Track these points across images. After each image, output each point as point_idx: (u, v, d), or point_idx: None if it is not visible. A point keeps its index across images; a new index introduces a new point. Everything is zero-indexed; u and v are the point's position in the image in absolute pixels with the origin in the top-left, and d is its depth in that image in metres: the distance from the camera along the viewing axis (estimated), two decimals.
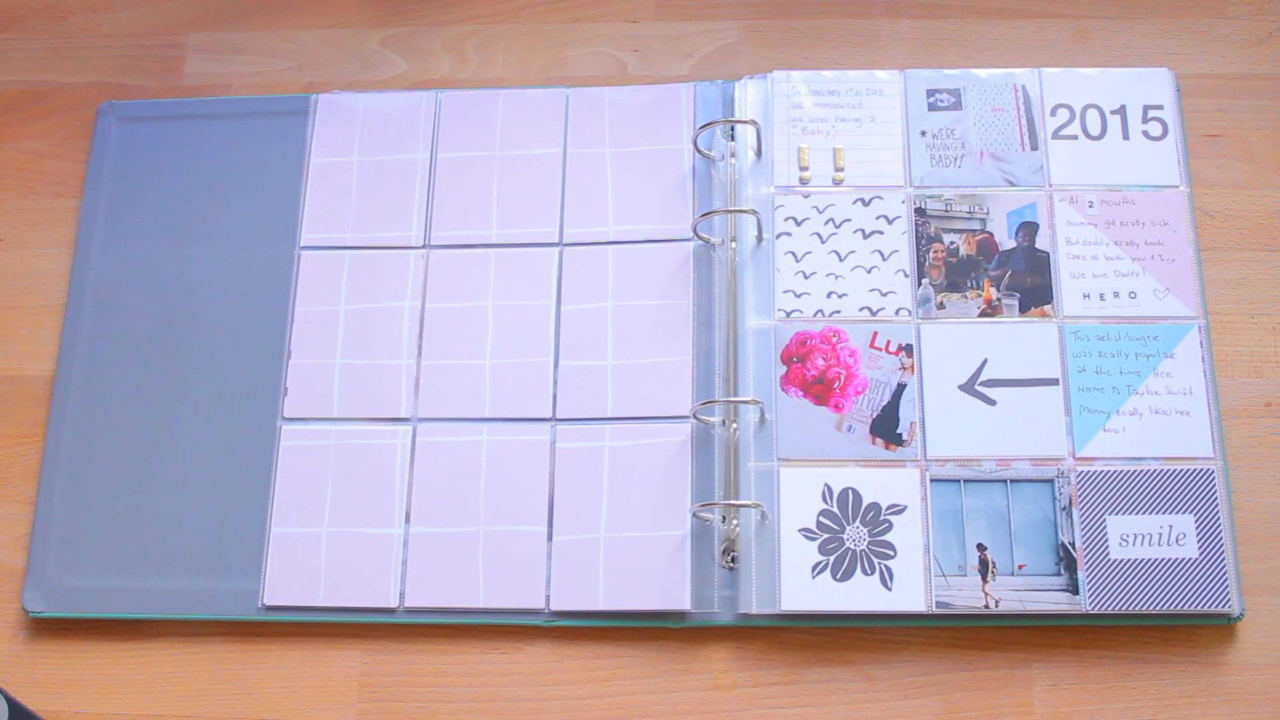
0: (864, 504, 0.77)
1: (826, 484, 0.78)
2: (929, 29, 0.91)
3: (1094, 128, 0.84)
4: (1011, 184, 0.83)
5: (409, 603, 0.80)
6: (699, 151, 0.87)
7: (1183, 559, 0.75)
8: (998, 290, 0.81)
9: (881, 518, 0.77)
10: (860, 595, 0.76)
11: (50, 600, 0.82)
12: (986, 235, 0.82)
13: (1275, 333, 0.82)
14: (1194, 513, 0.76)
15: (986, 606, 0.75)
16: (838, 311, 0.81)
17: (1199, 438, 0.77)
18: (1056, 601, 0.75)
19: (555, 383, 0.84)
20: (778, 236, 0.83)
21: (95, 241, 0.90)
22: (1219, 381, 0.80)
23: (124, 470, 0.84)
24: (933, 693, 0.76)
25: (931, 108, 0.85)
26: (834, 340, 0.80)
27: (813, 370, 0.80)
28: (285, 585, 0.81)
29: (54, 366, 0.88)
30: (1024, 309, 0.80)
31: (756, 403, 0.79)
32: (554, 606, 0.79)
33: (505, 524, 0.81)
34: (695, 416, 0.81)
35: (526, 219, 0.87)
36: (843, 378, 0.79)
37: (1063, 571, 0.75)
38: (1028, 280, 0.81)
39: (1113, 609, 0.74)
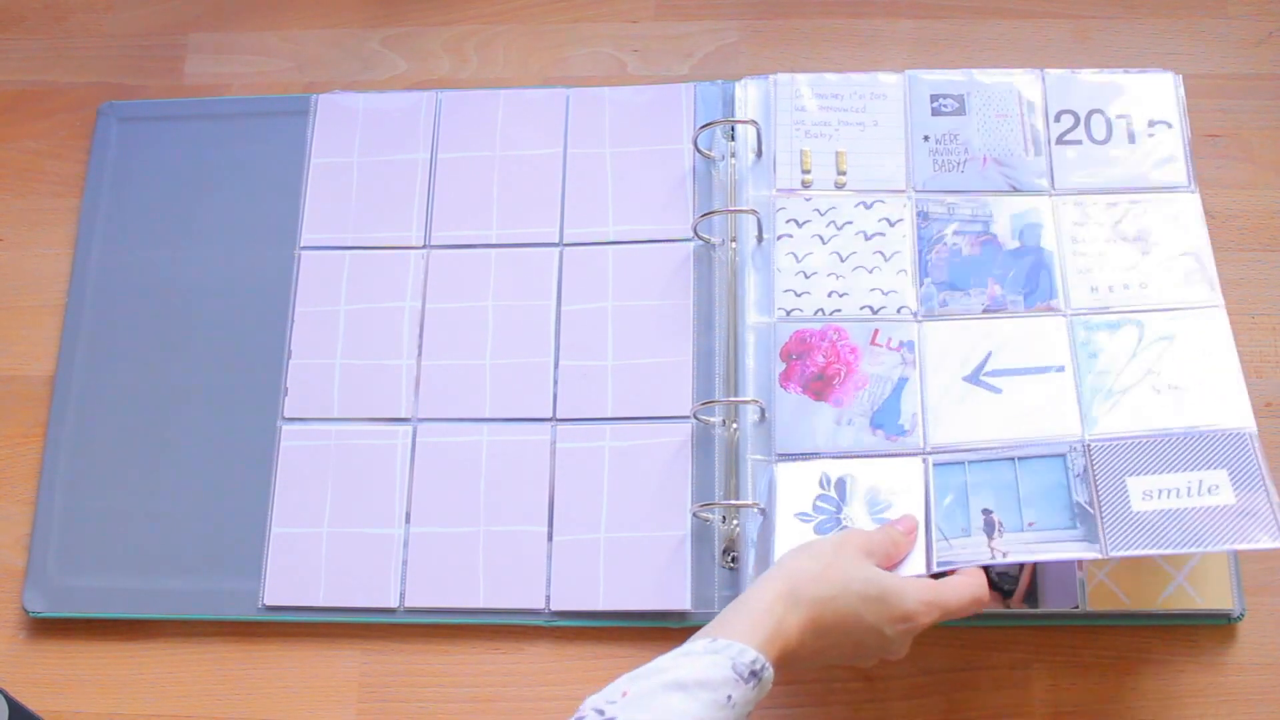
0: (863, 487, 0.75)
1: (824, 473, 0.76)
2: (929, 29, 0.91)
3: (1099, 133, 0.83)
4: (1015, 190, 0.82)
5: (409, 603, 0.80)
6: (699, 151, 0.87)
7: (1217, 506, 0.69)
8: (1002, 288, 0.80)
9: (881, 499, 0.75)
10: None
11: (50, 600, 0.82)
12: (990, 236, 0.81)
13: (1275, 333, 0.82)
14: (1228, 467, 0.71)
15: (993, 558, 0.70)
16: (838, 310, 0.80)
17: (1234, 407, 0.72)
18: (1072, 550, 0.70)
19: (555, 383, 0.84)
20: (779, 238, 0.82)
21: (95, 241, 0.90)
22: None
23: (124, 470, 0.84)
24: (933, 693, 0.76)
25: (935, 113, 0.85)
26: (834, 338, 0.80)
27: (812, 367, 0.79)
28: (285, 585, 0.81)
29: (54, 366, 0.88)
30: (1029, 305, 0.79)
31: (756, 402, 0.79)
32: (554, 606, 0.79)
33: (505, 524, 0.81)
34: (695, 416, 0.81)
35: (526, 219, 0.87)
36: (843, 374, 0.79)
37: (1078, 525, 0.71)
38: (1032, 278, 0.80)
39: (1140, 551, 0.69)
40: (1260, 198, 0.85)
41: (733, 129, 0.87)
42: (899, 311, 0.80)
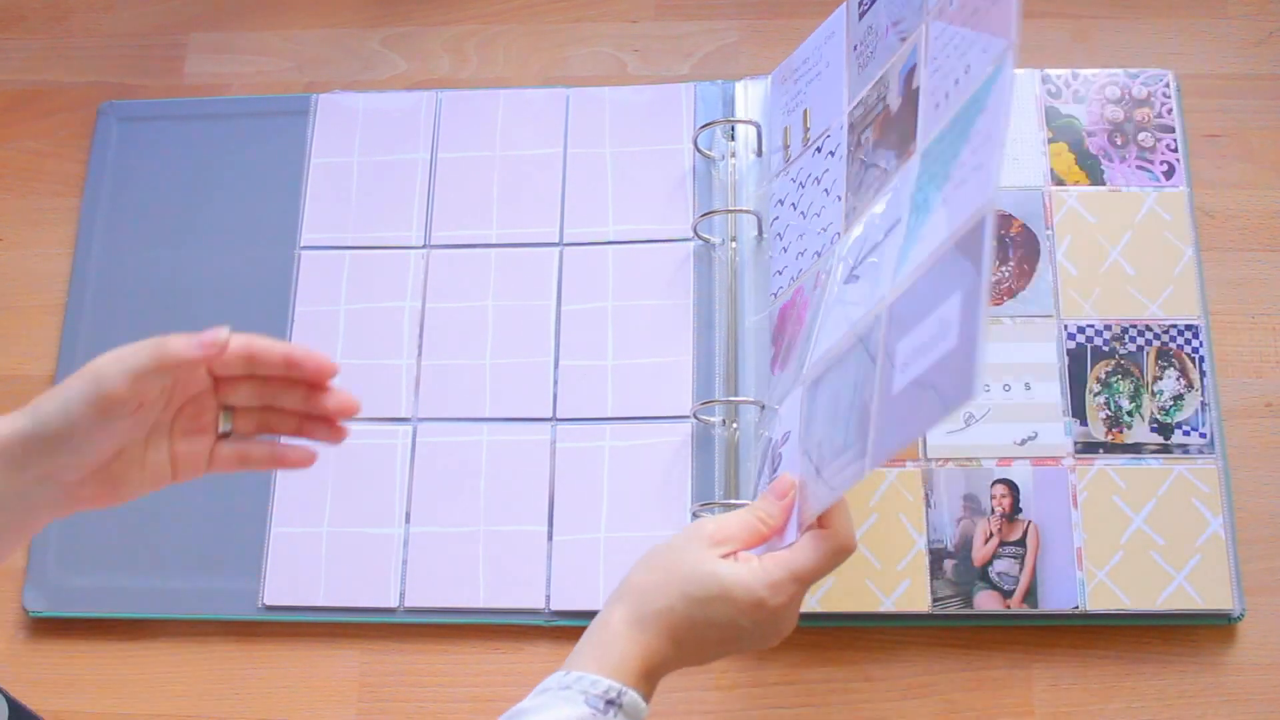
0: (770, 446, 0.72)
1: (763, 443, 0.74)
2: None
3: None
4: (903, 39, 0.70)
5: (409, 603, 0.80)
6: (699, 151, 0.87)
7: (944, 354, 0.53)
8: (883, 163, 0.69)
9: (775, 451, 0.70)
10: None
11: (50, 600, 0.82)
12: (886, 110, 0.71)
13: (1275, 333, 0.82)
14: (963, 285, 0.54)
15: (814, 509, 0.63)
16: (801, 270, 0.77)
17: (982, 175, 0.55)
18: (850, 476, 0.59)
19: (555, 383, 0.84)
20: (772, 222, 0.82)
21: (95, 241, 0.90)
22: (1219, 381, 0.80)
23: None
24: (933, 693, 0.76)
25: (861, 16, 0.77)
26: (798, 299, 0.77)
27: (786, 339, 0.77)
28: (285, 585, 0.81)
29: (54, 366, 0.88)
30: (897, 166, 0.67)
31: (756, 403, 0.79)
32: (554, 606, 0.79)
33: (505, 524, 0.81)
34: (695, 416, 0.81)
35: (526, 219, 0.88)
36: (797, 332, 0.75)
37: (855, 438, 0.60)
38: (904, 128, 0.67)
39: (887, 454, 0.57)
40: (1260, 198, 0.85)
41: (733, 129, 0.87)
42: (832, 242, 0.74)
